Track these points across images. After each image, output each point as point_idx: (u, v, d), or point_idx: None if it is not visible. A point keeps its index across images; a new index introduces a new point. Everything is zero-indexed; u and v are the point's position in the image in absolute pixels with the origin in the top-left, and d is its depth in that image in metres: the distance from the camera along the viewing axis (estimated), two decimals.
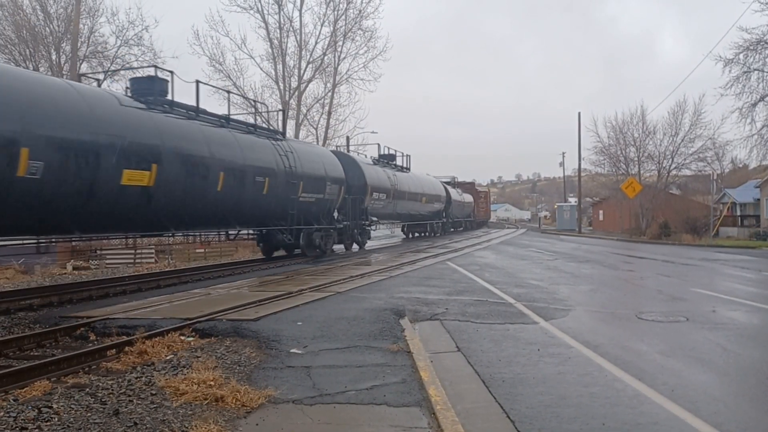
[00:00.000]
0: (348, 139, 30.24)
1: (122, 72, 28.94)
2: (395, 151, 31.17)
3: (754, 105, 28.02)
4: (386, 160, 29.49)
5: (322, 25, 37.36)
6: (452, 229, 44.14)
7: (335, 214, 21.43)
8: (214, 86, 23.83)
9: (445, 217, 39.44)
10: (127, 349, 6.90)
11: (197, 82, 14.57)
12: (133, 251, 21.02)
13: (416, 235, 38.14)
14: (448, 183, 42.18)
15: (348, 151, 30.31)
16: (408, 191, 29.97)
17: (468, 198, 49.18)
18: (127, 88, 13.60)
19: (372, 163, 27.14)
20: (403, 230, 38.39)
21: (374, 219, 26.07)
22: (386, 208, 27.25)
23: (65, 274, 17.54)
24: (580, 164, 50.01)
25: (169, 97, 13.49)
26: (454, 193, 41.87)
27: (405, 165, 31.92)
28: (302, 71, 37.12)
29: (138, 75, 29.03)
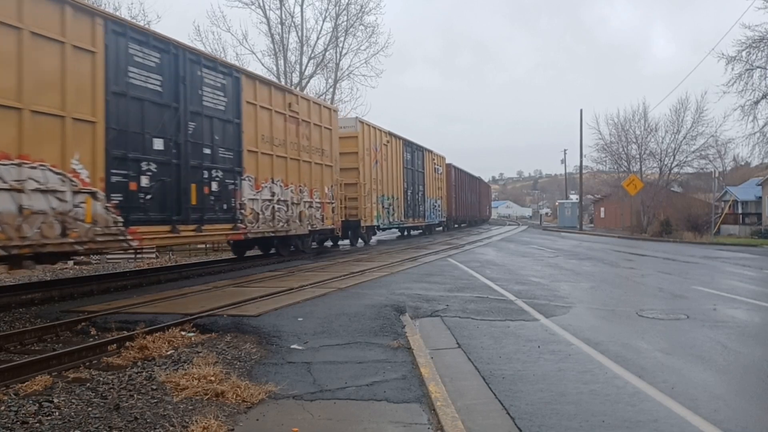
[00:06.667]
0: None
1: None
2: None
3: (757, 103, 28.02)
4: None
5: (323, 21, 37.41)
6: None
7: None
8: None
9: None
10: (127, 344, 6.91)
11: None
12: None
13: None
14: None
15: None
16: None
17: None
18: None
19: None
20: None
21: None
22: None
23: (66, 268, 17.58)
24: (581, 161, 50.01)
25: None
26: None
27: None
28: (303, 67, 37.12)
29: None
